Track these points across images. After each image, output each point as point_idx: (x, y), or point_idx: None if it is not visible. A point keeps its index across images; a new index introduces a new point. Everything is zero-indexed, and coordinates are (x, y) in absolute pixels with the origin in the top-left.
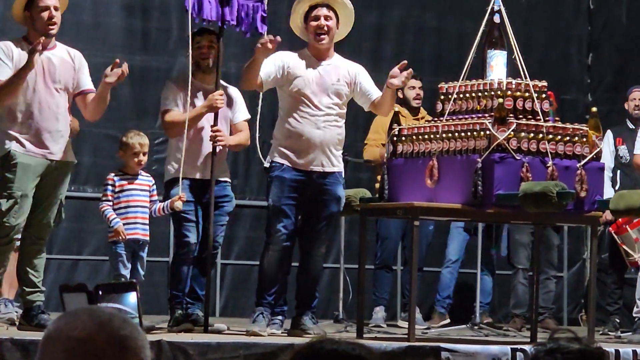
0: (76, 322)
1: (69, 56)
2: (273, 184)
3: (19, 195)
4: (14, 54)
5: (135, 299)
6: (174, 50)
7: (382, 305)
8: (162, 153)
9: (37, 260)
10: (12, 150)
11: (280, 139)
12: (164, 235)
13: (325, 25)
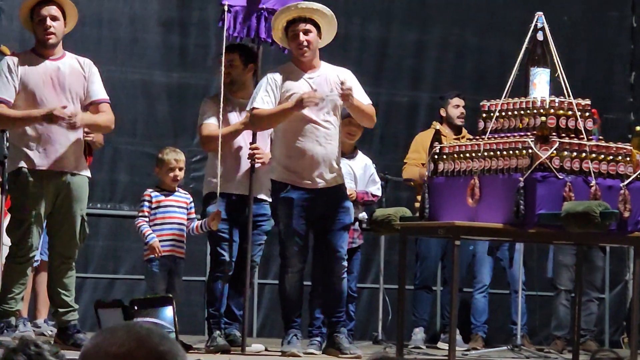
0: (114, 338)
1: (79, 65)
2: (282, 206)
3: (33, 215)
4: (19, 69)
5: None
6: (212, 67)
7: (421, 327)
8: (200, 171)
9: (67, 279)
10: (23, 167)
11: (280, 158)
12: (201, 254)
13: (304, 41)
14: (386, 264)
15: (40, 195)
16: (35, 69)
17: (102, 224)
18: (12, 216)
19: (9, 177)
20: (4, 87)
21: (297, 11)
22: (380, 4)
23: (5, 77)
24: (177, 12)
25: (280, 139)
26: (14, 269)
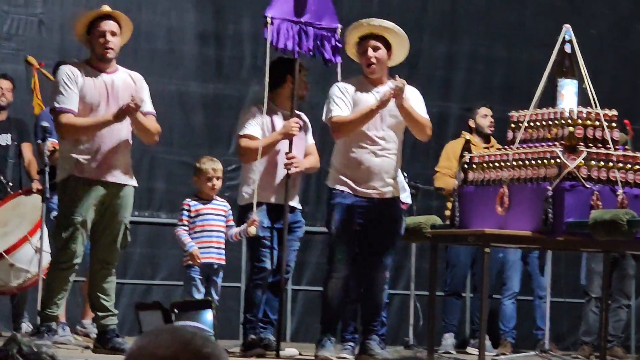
0: (159, 341)
1: (131, 79)
2: (335, 210)
3: (79, 222)
4: (78, 78)
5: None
6: (247, 79)
7: (451, 332)
8: (235, 180)
9: (107, 284)
10: (73, 175)
11: (339, 167)
12: (236, 261)
13: (372, 57)
14: (417, 271)
15: (88, 204)
16: (92, 81)
17: (140, 231)
18: (59, 223)
19: (59, 185)
20: (69, 97)
21: (368, 28)
22: (412, 17)
23: (68, 86)
24: (213, 24)
25: (339, 148)
26: (57, 275)
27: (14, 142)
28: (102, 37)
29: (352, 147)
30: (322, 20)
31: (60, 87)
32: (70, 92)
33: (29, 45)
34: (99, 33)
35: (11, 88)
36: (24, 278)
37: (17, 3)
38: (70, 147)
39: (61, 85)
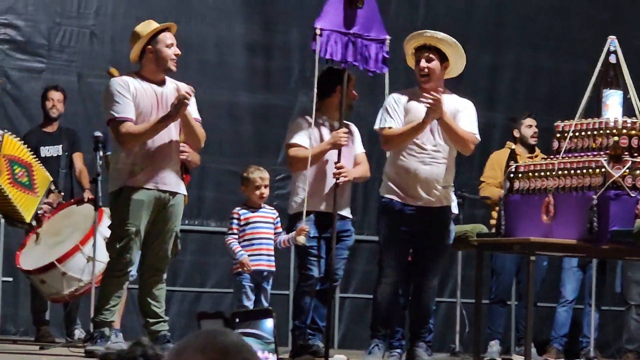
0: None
1: (177, 87)
2: (384, 218)
3: (133, 232)
4: (130, 87)
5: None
6: (295, 89)
7: (497, 339)
8: (284, 189)
9: (158, 291)
10: (126, 186)
11: (390, 175)
12: (285, 269)
13: (425, 68)
14: (463, 278)
15: (141, 213)
16: (144, 92)
17: (190, 239)
18: (113, 232)
19: (112, 195)
20: (126, 106)
21: (423, 39)
22: (457, 27)
23: (123, 95)
24: (262, 36)
25: (391, 156)
26: (111, 282)
27: (65, 152)
28: (172, 48)
29: (402, 155)
30: (370, 31)
31: (115, 97)
32: (125, 101)
33: (81, 57)
34: (166, 44)
35: (62, 99)
36: (76, 286)
37: (69, 15)
38: (123, 157)
39: (115, 96)
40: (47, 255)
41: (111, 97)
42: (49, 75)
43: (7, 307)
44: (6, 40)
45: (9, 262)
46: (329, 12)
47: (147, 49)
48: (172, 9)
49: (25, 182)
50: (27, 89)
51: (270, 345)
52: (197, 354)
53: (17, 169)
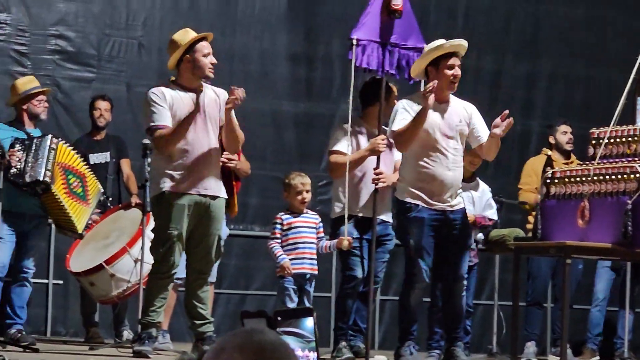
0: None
1: (215, 94)
2: (412, 225)
3: (175, 235)
4: (166, 96)
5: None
6: (337, 98)
7: (533, 341)
8: (326, 195)
9: (203, 293)
10: (167, 191)
11: (411, 181)
12: (327, 272)
13: (459, 74)
14: (500, 282)
15: (183, 217)
16: (181, 101)
17: (235, 243)
18: (156, 236)
19: (153, 199)
20: (161, 114)
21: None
22: (494, 38)
23: (159, 104)
24: (304, 46)
25: (410, 162)
26: (156, 284)
27: (112, 158)
28: (209, 57)
29: (426, 160)
30: (407, 40)
31: (152, 107)
32: (161, 109)
33: (129, 67)
34: (204, 53)
35: (109, 108)
36: (124, 288)
37: (118, 26)
38: (163, 162)
39: (152, 106)
40: (95, 258)
41: (148, 107)
42: (99, 85)
43: (57, 309)
44: (57, 51)
45: (59, 265)
46: (365, 23)
47: (185, 57)
48: (218, 20)
49: (80, 192)
50: (77, 98)
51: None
52: (235, 352)
53: (71, 178)
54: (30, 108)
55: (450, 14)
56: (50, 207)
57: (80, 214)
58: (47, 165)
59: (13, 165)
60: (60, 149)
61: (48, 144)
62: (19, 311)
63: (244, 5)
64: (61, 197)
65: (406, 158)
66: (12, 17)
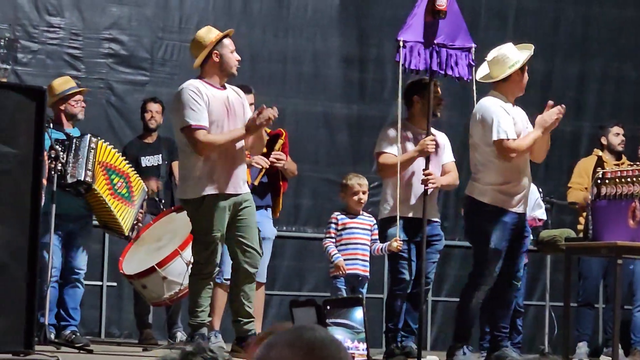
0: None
1: (237, 93)
2: (495, 229)
3: (218, 237)
4: (202, 94)
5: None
6: (389, 99)
7: (584, 341)
8: (377, 196)
9: (250, 291)
10: (208, 194)
11: (497, 183)
12: (378, 274)
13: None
14: (551, 282)
15: (224, 219)
16: (214, 98)
17: (288, 245)
18: (198, 239)
19: (192, 203)
20: (200, 114)
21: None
22: (544, 39)
23: (197, 102)
24: (356, 48)
25: (496, 165)
26: (201, 284)
27: (164, 161)
28: (234, 53)
29: (517, 164)
30: (455, 40)
31: (190, 104)
32: (200, 108)
33: (182, 70)
34: (230, 50)
35: (160, 110)
36: (176, 290)
37: (171, 30)
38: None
39: (190, 102)
40: (147, 261)
41: (185, 104)
42: (152, 88)
43: (111, 311)
44: (111, 55)
45: (113, 267)
46: (412, 25)
47: (212, 54)
48: (271, 22)
49: (125, 193)
50: (130, 102)
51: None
52: (286, 348)
53: (115, 178)
54: (67, 108)
55: (500, 17)
56: (96, 208)
57: (126, 215)
58: (87, 164)
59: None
60: (100, 148)
61: (87, 143)
62: (72, 312)
63: (297, 8)
64: (105, 198)
65: (494, 159)
66: (66, 21)
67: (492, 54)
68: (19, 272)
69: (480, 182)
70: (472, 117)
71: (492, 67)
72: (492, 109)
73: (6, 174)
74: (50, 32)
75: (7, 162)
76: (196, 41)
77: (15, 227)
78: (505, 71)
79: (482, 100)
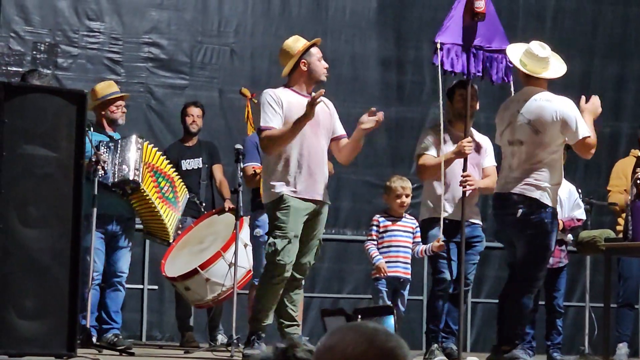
0: (347, 340)
1: (325, 104)
2: (555, 229)
3: (292, 236)
4: (282, 101)
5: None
6: (427, 102)
7: (625, 342)
8: (417, 198)
9: (296, 295)
10: (285, 195)
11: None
12: (418, 275)
13: None
14: (591, 283)
15: (300, 220)
16: (295, 105)
17: (327, 247)
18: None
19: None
20: (273, 116)
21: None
22: (583, 41)
23: (272, 107)
24: (394, 51)
25: (559, 165)
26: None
27: (204, 164)
28: (322, 60)
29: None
30: (492, 42)
31: (265, 108)
32: (274, 113)
33: (222, 73)
34: (318, 57)
35: (201, 114)
36: (218, 292)
37: (210, 34)
38: (279, 167)
39: (266, 107)
40: (190, 263)
41: (262, 108)
42: (192, 92)
43: (153, 314)
44: (150, 59)
45: (154, 271)
46: (449, 27)
47: (300, 62)
48: (309, 25)
49: (171, 197)
50: (170, 105)
51: None
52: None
53: (162, 182)
54: (107, 114)
55: (538, 18)
56: (141, 210)
57: (172, 220)
58: (135, 164)
59: (100, 167)
60: (145, 149)
61: (133, 143)
62: (114, 315)
63: (335, 11)
64: (152, 199)
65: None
66: (106, 25)
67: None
68: (61, 275)
69: (542, 182)
70: (544, 115)
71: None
72: (571, 106)
73: (48, 177)
74: (90, 37)
75: (48, 166)
76: (284, 51)
77: (58, 231)
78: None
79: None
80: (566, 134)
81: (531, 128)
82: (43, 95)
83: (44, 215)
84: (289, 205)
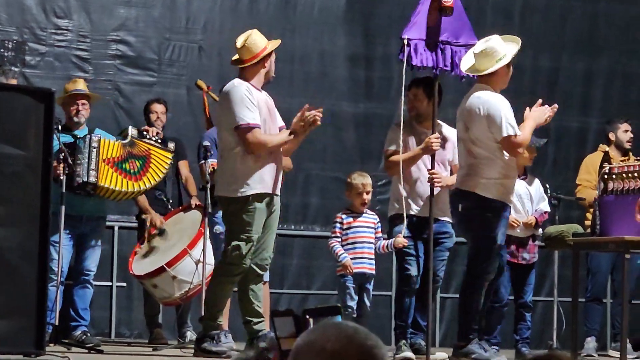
0: (327, 336)
1: (268, 96)
2: (502, 222)
3: (255, 239)
4: (254, 95)
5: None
6: (395, 98)
7: (593, 336)
8: (385, 194)
9: (260, 292)
10: (252, 195)
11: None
12: (387, 271)
13: None
14: (559, 278)
15: (262, 220)
16: (260, 99)
17: (296, 244)
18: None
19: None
20: (255, 113)
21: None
22: (551, 37)
23: (251, 102)
24: (363, 47)
25: (500, 159)
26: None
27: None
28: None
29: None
30: (459, 38)
31: (245, 103)
32: (254, 108)
33: (189, 70)
34: (274, 58)
35: (165, 111)
36: (186, 289)
37: (178, 31)
38: (252, 165)
39: (244, 101)
40: (157, 261)
41: (239, 102)
42: (159, 89)
43: (121, 311)
44: (118, 56)
45: (123, 268)
46: (415, 23)
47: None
48: (277, 23)
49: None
50: (138, 102)
51: None
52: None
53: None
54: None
55: (506, 14)
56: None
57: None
58: (91, 165)
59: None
60: (102, 146)
61: (89, 143)
62: (82, 313)
63: (303, 7)
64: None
65: (498, 156)
66: (74, 23)
67: (479, 46)
68: (29, 274)
69: (483, 177)
70: (471, 112)
71: (480, 59)
72: (500, 104)
73: (15, 176)
74: (58, 35)
75: (16, 164)
76: (247, 47)
77: (26, 229)
78: (493, 65)
79: (481, 94)
80: (492, 130)
81: (463, 125)
82: (11, 94)
83: (12, 214)
84: (254, 207)
